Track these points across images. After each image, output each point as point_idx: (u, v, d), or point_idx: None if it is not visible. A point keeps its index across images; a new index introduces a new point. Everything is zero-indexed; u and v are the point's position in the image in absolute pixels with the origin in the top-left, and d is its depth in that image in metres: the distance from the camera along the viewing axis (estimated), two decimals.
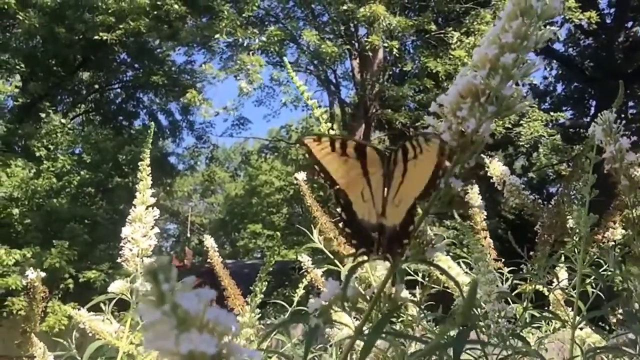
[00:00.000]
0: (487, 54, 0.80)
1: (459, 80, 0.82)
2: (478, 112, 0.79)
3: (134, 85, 18.26)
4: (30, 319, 1.58)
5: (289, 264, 15.83)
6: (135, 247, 1.53)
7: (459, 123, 0.80)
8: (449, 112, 0.82)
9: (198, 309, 0.42)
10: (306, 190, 1.84)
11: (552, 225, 1.54)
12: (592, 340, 1.76)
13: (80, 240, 13.41)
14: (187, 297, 0.42)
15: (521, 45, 0.79)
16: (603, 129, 1.36)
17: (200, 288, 0.44)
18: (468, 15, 14.25)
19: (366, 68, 15.44)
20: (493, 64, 0.79)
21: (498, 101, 0.79)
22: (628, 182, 1.33)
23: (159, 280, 0.41)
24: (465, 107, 0.80)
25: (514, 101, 0.81)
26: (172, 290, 0.42)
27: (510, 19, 0.81)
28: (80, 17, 14.98)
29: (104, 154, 15.07)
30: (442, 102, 0.83)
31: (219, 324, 0.44)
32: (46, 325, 11.39)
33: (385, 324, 0.84)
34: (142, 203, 1.60)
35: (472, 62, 0.82)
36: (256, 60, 14.05)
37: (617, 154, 1.33)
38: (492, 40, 0.81)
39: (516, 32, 0.79)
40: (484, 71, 0.80)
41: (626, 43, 18.11)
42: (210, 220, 37.12)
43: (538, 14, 0.79)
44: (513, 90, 0.80)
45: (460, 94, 0.81)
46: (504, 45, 0.79)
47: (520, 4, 0.80)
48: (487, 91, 0.79)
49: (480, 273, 1.56)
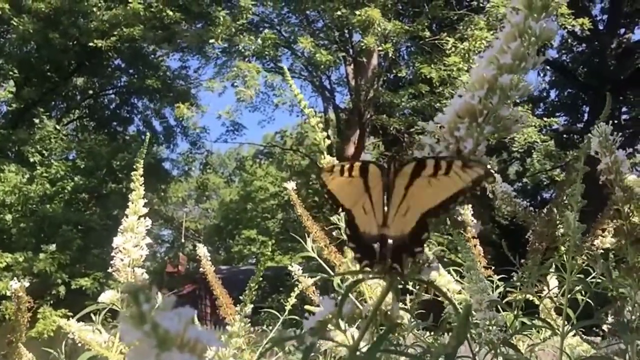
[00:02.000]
0: (485, 74, 0.80)
1: (456, 100, 0.82)
2: (475, 132, 0.79)
3: (128, 91, 18.25)
4: (16, 329, 1.57)
5: (283, 269, 15.79)
6: (126, 257, 1.53)
7: (457, 143, 0.80)
8: (446, 131, 0.82)
9: (178, 329, 0.43)
10: (296, 199, 1.84)
11: (543, 233, 1.55)
12: (582, 349, 1.76)
13: (72, 245, 13.36)
14: (168, 316, 0.43)
15: (519, 66, 0.79)
16: (599, 141, 1.36)
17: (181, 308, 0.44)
18: (462, 21, 14.32)
19: (360, 74, 15.49)
20: (491, 85, 0.79)
21: (495, 121, 0.80)
22: (623, 193, 1.34)
23: (139, 301, 0.42)
24: (462, 127, 0.80)
25: (511, 121, 0.81)
26: (153, 310, 0.42)
27: (508, 40, 0.81)
28: (74, 22, 14.98)
29: (98, 159, 15.04)
30: (440, 121, 0.83)
31: (200, 342, 0.44)
32: (35, 331, 11.32)
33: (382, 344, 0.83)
34: (135, 213, 1.60)
35: (469, 82, 0.82)
36: (252, 67, 14.07)
37: (612, 165, 1.34)
38: (490, 60, 0.81)
39: (515, 53, 0.79)
40: (482, 91, 0.80)
41: (619, 49, 18.23)
42: (204, 225, 37.06)
43: (537, 35, 0.79)
44: (510, 111, 0.80)
45: (457, 113, 0.81)
46: (502, 66, 0.79)
47: (519, 26, 0.80)
48: (484, 111, 0.79)
49: (471, 281, 1.56)
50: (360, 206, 0.85)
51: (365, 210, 0.84)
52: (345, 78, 16.56)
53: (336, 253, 1.73)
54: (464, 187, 0.76)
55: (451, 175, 0.77)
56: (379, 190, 0.84)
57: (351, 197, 0.86)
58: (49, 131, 15.19)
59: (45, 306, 12.22)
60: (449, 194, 0.78)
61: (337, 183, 0.88)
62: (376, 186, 0.84)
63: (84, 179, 14.70)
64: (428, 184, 0.79)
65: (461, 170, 0.77)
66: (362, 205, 0.85)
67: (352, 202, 0.86)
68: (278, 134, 24.08)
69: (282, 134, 23.11)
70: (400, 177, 0.83)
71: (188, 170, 20.25)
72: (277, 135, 24.52)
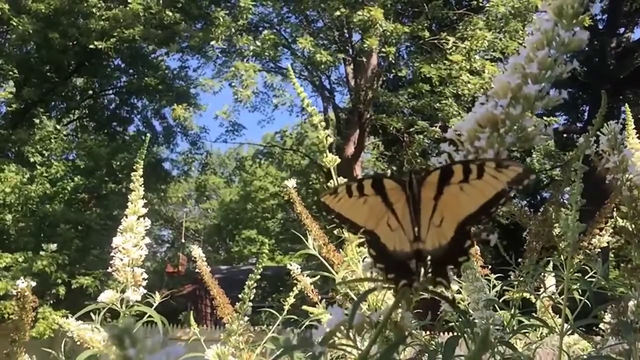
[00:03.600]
0: (509, 82, 0.77)
1: (477, 109, 0.79)
2: (497, 142, 0.76)
3: (128, 91, 18.23)
4: (20, 329, 1.57)
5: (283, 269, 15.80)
6: (126, 257, 1.54)
7: (476, 152, 0.77)
8: (465, 140, 0.79)
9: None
10: (296, 197, 1.85)
11: (540, 232, 1.56)
12: (580, 347, 1.77)
13: (72, 245, 13.35)
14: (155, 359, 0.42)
15: (545, 75, 0.76)
16: (608, 139, 1.36)
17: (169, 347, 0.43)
18: (461, 21, 14.32)
19: (360, 74, 15.49)
20: (515, 94, 0.76)
21: (517, 132, 0.77)
22: (629, 193, 1.33)
23: (125, 345, 0.41)
24: (483, 137, 0.77)
25: (534, 132, 0.78)
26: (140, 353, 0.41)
27: (536, 48, 0.77)
28: (74, 23, 14.97)
29: (97, 160, 15.03)
30: (460, 129, 0.80)
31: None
32: (36, 331, 11.32)
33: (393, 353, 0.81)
34: (134, 213, 1.61)
35: (492, 90, 0.79)
36: (250, 67, 14.07)
37: (619, 164, 1.33)
38: (514, 68, 0.78)
39: (541, 62, 0.76)
40: (505, 100, 0.76)
41: (618, 49, 18.22)
42: (204, 226, 37.02)
43: (565, 44, 0.75)
44: (533, 122, 0.77)
45: (478, 122, 0.78)
46: (528, 74, 0.76)
47: (547, 34, 0.76)
48: (507, 121, 0.76)
49: (468, 281, 1.57)
50: (384, 224, 0.80)
51: (392, 227, 0.80)
52: (345, 78, 16.56)
53: (335, 251, 1.73)
54: (503, 188, 0.73)
55: (485, 179, 0.74)
56: (402, 204, 0.80)
57: (371, 217, 0.81)
58: (49, 131, 15.19)
59: (45, 306, 12.21)
60: (488, 198, 0.74)
61: (348, 205, 0.83)
62: (398, 201, 0.80)
63: (84, 179, 14.69)
64: (461, 191, 0.76)
65: (495, 171, 0.74)
66: (386, 223, 0.80)
67: (373, 222, 0.81)
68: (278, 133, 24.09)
69: (282, 134, 23.11)
70: (426, 188, 0.79)
71: (187, 171, 20.24)
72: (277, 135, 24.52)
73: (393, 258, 0.78)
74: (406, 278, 0.77)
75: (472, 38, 13.28)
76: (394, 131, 15.13)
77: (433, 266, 0.77)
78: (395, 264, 0.78)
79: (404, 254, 0.78)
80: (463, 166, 0.76)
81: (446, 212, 0.77)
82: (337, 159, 1.60)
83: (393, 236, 0.79)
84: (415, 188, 0.79)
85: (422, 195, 0.79)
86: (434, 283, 0.76)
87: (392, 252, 0.79)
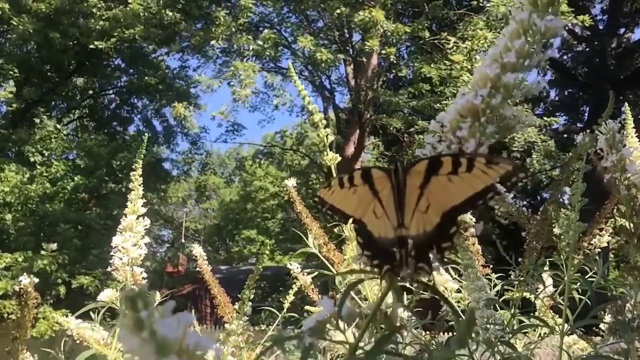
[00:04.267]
0: (488, 73, 0.78)
1: (458, 99, 0.80)
2: (478, 132, 0.78)
3: (129, 91, 18.25)
4: (21, 326, 1.57)
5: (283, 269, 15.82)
6: (125, 256, 1.54)
7: (459, 142, 0.79)
8: (448, 131, 0.80)
9: (177, 335, 0.43)
10: (296, 196, 1.85)
11: (539, 232, 1.56)
12: (580, 347, 1.77)
13: (72, 244, 13.36)
14: (166, 323, 0.42)
15: (523, 64, 0.77)
16: (606, 138, 1.36)
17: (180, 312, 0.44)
18: (462, 21, 14.33)
19: (360, 74, 15.49)
20: (494, 83, 0.78)
21: (498, 121, 0.78)
22: (627, 192, 1.33)
23: (137, 307, 0.42)
24: (465, 127, 0.78)
25: (514, 121, 0.79)
26: (151, 316, 0.42)
27: (512, 38, 0.79)
28: (74, 22, 14.99)
29: (97, 159, 15.04)
30: (442, 120, 0.81)
31: (199, 348, 0.44)
32: (37, 331, 11.33)
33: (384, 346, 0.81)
34: (133, 212, 1.61)
35: (472, 81, 0.81)
36: (250, 66, 14.07)
37: (618, 164, 1.33)
38: (493, 58, 0.79)
39: (519, 51, 0.77)
40: (485, 90, 0.78)
41: (619, 49, 18.23)
42: (205, 225, 37.04)
43: (542, 32, 0.77)
44: (513, 111, 0.78)
45: (459, 113, 0.80)
46: (506, 64, 0.78)
47: (523, 23, 0.78)
48: (487, 111, 0.78)
49: (469, 280, 1.57)
50: (370, 212, 0.82)
51: (377, 214, 0.81)
52: (345, 78, 16.57)
53: (335, 250, 1.73)
54: (492, 183, 0.75)
55: (474, 173, 0.75)
56: (387, 192, 0.81)
57: (360, 206, 0.83)
58: (49, 131, 15.21)
59: (45, 306, 12.22)
60: (476, 191, 0.76)
61: (340, 196, 0.85)
62: (384, 189, 0.82)
63: (84, 178, 14.71)
64: (448, 182, 0.77)
65: (485, 166, 0.75)
66: (372, 211, 0.82)
67: (361, 211, 0.83)
68: (278, 134, 24.12)
69: (282, 134, 23.14)
70: (412, 177, 0.80)
71: (187, 171, 20.25)
72: (277, 135, 24.54)
73: (378, 245, 0.80)
74: (389, 264, 0.79)
75: (474, 38, 13.29)
76: (394, 131, 15.15)
77: (416, 252, 0.78)
78: (380, 251, 0.80)
79: (388, 240, 0.80)
80: (452, 159, 0.77)
81: (433, 201, 0.78)
82: (338, 157, 1.60)
83: (378, 223, 0.81)
84: (401, 176, 0.81)
85: (407, 183, 0.80)
86: (416, 268, 0.78)
87: (377, 238, 0.81)
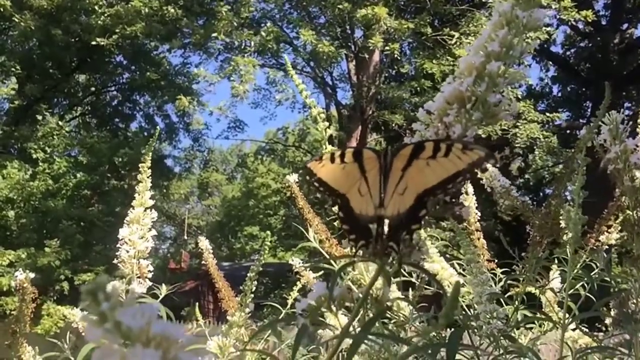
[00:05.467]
0: (473, 61, 0.81)
1: (445, 88, 0.84)
2: (464, 118, 0.81)
3: (131, 88, 18.25)
4: (20, 320, 1.58)
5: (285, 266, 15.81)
6: (132, 249, 1.54)
7: (446, 128, 0.82)
8: (435, 118, 0.84)
9: (141, 325, 0.43)
10: (298, 192, 1.85)
11: (543, 226, 1.56)
12: (584, 342, 1.77)
13: (74, 240, 13.37)
14: (129, 313, 0.43)
15: (507, 54, 0.81)
16: (609, 129, 1.35)
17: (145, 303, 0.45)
18: (464, 17, 14.30)
19: (362, 70, 15.47)
20: (479, 72, 0.81)
21: (484, 108, 0.81)
22: (631, 183, 1.33)
23: (99, 300, 0.42)
24: (451, 113, 0.82)
25: (499, 109, 0.82)
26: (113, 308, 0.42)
27: (496, 28, 0.82)
28: (76, 19, 14.98)
29: (100, 156, 15.05)
30: (429, 108, 0.85)
31: (167, 337, 0.44)
32: (41, 328, 11.35)
33: (373, 325, 0.84)
34: (141, 205, 1.60)
35: (459, 70, 0.84)
36: (250, 61, 14.04)
37: (621, 155, 1.33)
38: (478, 48, 0.83)
39: (502, 41, 0.80)
40: (471, 78, 0.81)
41: (621, 45, 18.16)
42: (207, 222, 37.03)
43: (523, 24, 0.80)
44: (498, 98, 0.81)
45: (446, 100, 0.83)
46: (490, 53, 0.81)
47: (506, 15, 0.81)
48: (472, 98, 0.81)
49: (472, 274, 1.57)
50: (355, 190, 0.86)
51: (361, 192, 0.85)
52: (347, 74, 16.54)
53: (337, 245, 1.73)
54: (463, 168, 0.78)
55: (450, 157, 0.79)
56: (375, 173, 0.85)
57: (346, 182, 0.87)
58: (51, 128, 15.22)
59: (49, 302, 12.25)
60: (448, 175, 0.79)
61: (329, 170, 0.89)
62: (372, 169, 0.86)
63: (86, 175, 14.72)
64: (426, 165, 0.81)
65: (461, 152, 0.78)
66: (357, 189, 0.86)
67: (347, 186, 0.87)
68: (280, 130, 24.11)
69: (284, 131, 23.13)
70: (398, 160, 0.84)
71: (189, 168, 20.25)
72: (279, 132, 24.53)
73: (358, 221, 0.84)
74: (365, 239, 0.83)
75: (477, 34, 13.25)
76: (396, 127, 15.12)
77: (389, 231, 0.82)
78: (359, 227, 0.84)
79: (367, 218, 0.83)
80: (434, 144, 0.81)
81: (410, 183, 0.82)
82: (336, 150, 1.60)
83: (361, 201, 0.85)
84: (389, 159, 0.85)
85: (393, 166, 0.84)
86: (387, 247, 0.81)
87: (358, 215, 0.84)
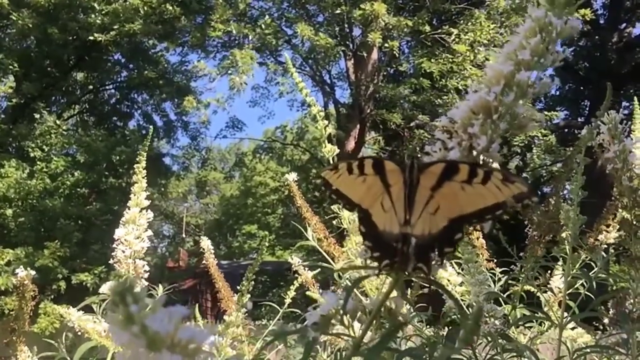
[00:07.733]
0: (502, 70, 0.78)
1: (471, 96, 0.80)
2: (490, 129, 0.78)
3: (128, 86, 18.20)
4: (19, 318, 1.57)
5: (284, 264, 15.83)
6: (128, 249, 1.53)
7: (470, 139, 0.79)
8: (459, 127, 0.80)
9: (168, 329, 0.42)
10: (296, 191, 1.84)
11: (541, 225, 1.55)
12: (584, 341, 1.77)
13: (72, 238, 13.35)
14: (157, 317, 0.42)
15: (538, 62, 0.77)
16: (608, 129, 1.35)
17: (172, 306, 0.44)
18: (462, 15, 14.30)
19: (361, 68, 15.46)
20: (508, 81, 0.78)
21: (511, 119, 0.78)
22: (629, 183, 1.33)
23: (127, 302, 0.41)
24: (476, 124, 0.78)
25: (527, 119, 0.79)
26: (142, 311, 0.41)
27: (528, 36, 0.78)
28: (74, 17, 14.94)
29: (97, 154, 15.01)
30: (453, 116, 0.81)
31: (193, 342, 0.43)
32: (38, 327, 11.34)
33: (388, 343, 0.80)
34: (136, 205, 1.60)
35: (486, 78, 0.80)
36: (247, 54, 14.01)
37: (620, 154, 1.33)
38: (508, 56, 0.79)
39: (534, 49, 0.77)
40: (498, 87, 0.78)
41: (620, 44, 18.19)
42: (205, 221, 37.03)
43: (557, 31, 0.77)
44: (526, 109, 0.78)
45: (472, 109, 0.80)
46: (521, 62, 0.77)
47: (539, 21, 0.77)
48: (500, 108, 0.78)
49: (470, 274, 1.57)
50: (378, 204, 0.82)
51: (385, 208, 0.81)
52: (346, 72, 16.54)
53: (335, 244, 1.73)
54: (504, 200, 0.75)
55: (489, 186, 0.75)
56: (399, 188, 0.81)
57: (368, 196, 0.83)
58: (49, 126, 15.17)
59: (46, 301, 12.22)
60: (487, 205, 0.76)
61: (347, 182, 0.85)
62: (396, 184, 0.82)
63: (84, 174, 14.69)
64: (461, 190, 0.77)
65: (501, 182, 0.75)
66: (380, 203, 0.82)
67: (369, 201, 0.83)
68: (278, 129, 24.10)
69: (283, 129, 23.12)
70: (426, 177, 0.80)
71: (188, 166, 20.22)
72: (277, 130, 24.52)
73: (381, 238, 0.80)
74: (389, 258, 0.79)
75: (476, 30, 13.28)
76: (395, 126, 15.12)
77: (417, 251, 0.78)
78: (382, 244, 0.80)
79: (392, 235, 0.80)
80: (470, 168, 0.77)
81: (443, 205, 0.78)
82: (336, 149, 1.60)
83: (385, 216, 0.81)
84: (415, 174, 0.81)
85: (420, 183, 0.80)
86: (414, 268, 0.78)
87: (381, 231, 0.81)
